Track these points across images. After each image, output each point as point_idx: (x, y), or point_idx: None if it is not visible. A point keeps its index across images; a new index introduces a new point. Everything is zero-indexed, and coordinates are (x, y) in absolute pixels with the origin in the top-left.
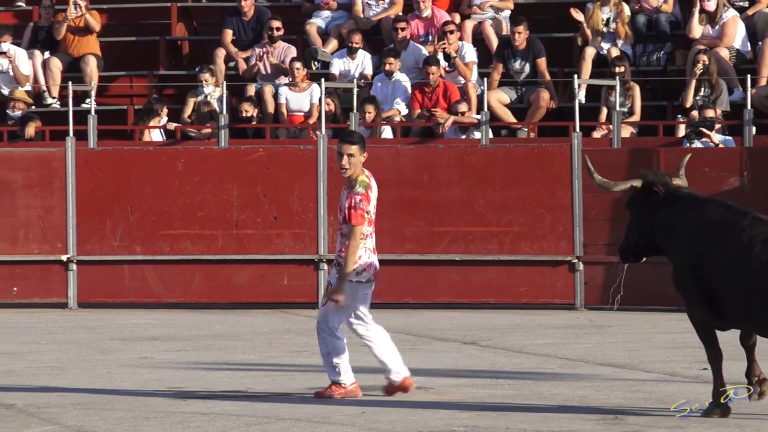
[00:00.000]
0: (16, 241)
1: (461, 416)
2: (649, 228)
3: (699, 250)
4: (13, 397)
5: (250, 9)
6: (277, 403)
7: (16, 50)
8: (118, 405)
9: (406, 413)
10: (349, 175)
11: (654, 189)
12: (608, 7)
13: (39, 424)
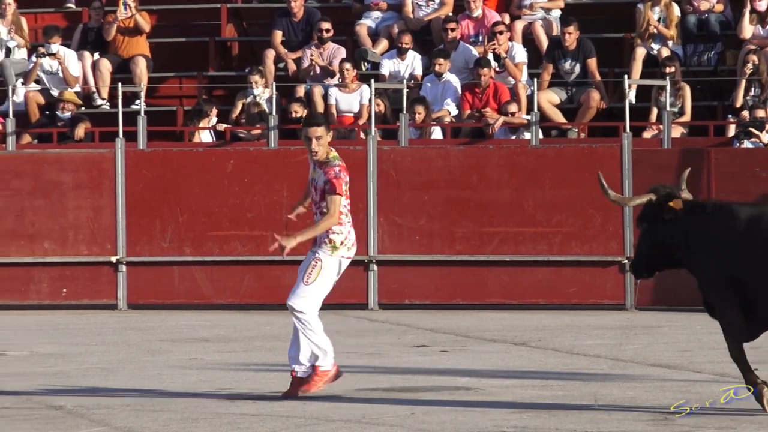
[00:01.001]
0: (65, 243)
1: (511, 417)
2: (669, 241)
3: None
4: (62, 399)
5: (300, 10)
6: (327, 404)
7: (65, 51)
8: (167, 406)
9: (456, 414)
10: (320, 156)
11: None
12: (659, 7)
13: (88, 426)
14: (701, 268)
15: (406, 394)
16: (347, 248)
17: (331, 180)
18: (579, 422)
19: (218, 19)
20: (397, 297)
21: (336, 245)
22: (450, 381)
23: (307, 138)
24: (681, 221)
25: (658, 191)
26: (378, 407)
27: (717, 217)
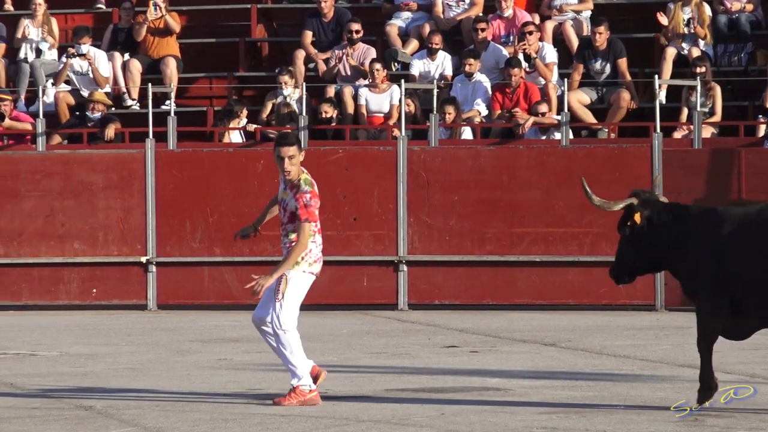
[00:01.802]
0: (95, 243)
1: (540, 418)
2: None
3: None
4: (92, 399)
5: (330, 10)
6: (356, 404)
7: (95, 52)
8: (197, 407)
9: (486, 414)
10: (292, 177)
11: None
12: (689, 7)
13: (118, 426)
14: (689, 269)
15: (436, 395)
16: (308, 264)
17: (301, 208)
18: (609, 423)
19: (248, 20)
20: (427, 297)
21: (297, 261)
22: (480, 382)
23: (279, 157)
24: (667, 225)
25: (639, 196)
26: (407, 407)
27: (703, 219)
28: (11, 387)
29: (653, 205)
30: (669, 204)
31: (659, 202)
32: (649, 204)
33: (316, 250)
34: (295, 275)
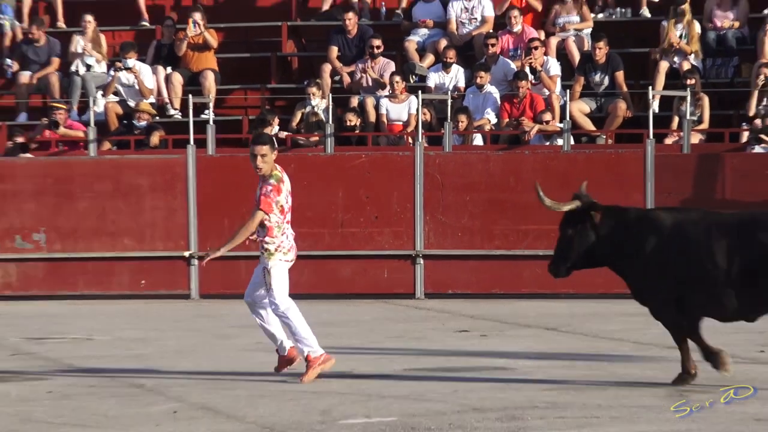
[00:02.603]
0: (143, 239)
1: (542, 394)
2: (595, 245)
3: (664, 253)
4: (142, 378)
5: (354, 27)
6: (379, 382)
7: (140, 66)
8: (236, 385)
9: (494, 391)
10: (264, 172)
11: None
12: (681, 24)
13: (166, 402)
14: (636, 270)
15: (449, 374)
16: (282, 253)
17: (260, 196)
18: (603, 398)
19: (279, 36)
20: (441, 287)
21: (271, 252)
22: (488, 362)
23: (253, 155)
24: (606, 227)
25: (581, 199)
26: (424, 385)
27: (643, 223)
28: (71, 367)
29: (594, 207)
30: (608, 207)
31: (599, 205)
32: (591, 206)
33: (286, 241)
34: (274, 265)
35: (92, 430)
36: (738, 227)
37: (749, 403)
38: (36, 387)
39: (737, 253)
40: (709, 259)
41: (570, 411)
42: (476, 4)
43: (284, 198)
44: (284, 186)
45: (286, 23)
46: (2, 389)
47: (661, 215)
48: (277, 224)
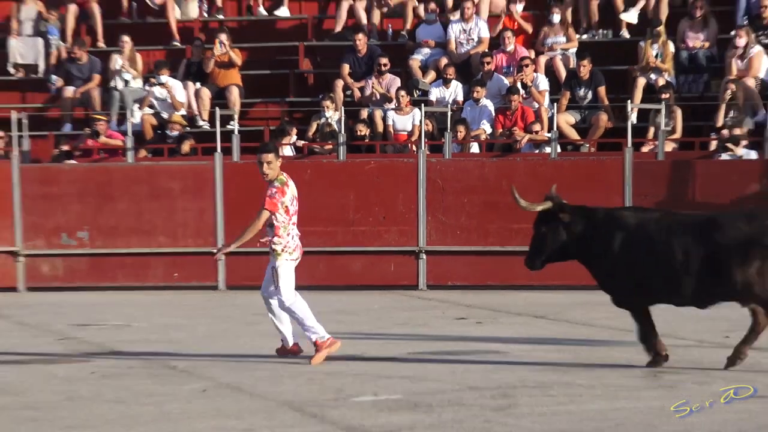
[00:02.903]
0: (176, 237)
1: (532, 374)
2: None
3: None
4: (175, 360)
5: (364, 47)
6: (385, 364)
7: (172, 82)
8: (259, 366)
9: (488, 372)
10: (270, 177)
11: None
12: (657, 45)
13: (196, 381)
14: (602, 264)
15: (448, 357)
16: (289, 253)
17: (265, 198)
18: (586, 378)
19: (297, 55)
20: (441, 279)
21: (278, 252)
22: (483, 346)
23: (260, 162)
24: (577, 225)
25: (552, 200)
26: (426, 367)
27: (609, 221)
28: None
29: (564, 207)
30: (578, 207)
31: (568, 205)
32: (561, 207)
33: (292, 242)
34: (281, 264)
35: (130, 406)
36: (695, 226)
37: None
38: (80, 368)
39: (694, 249)
40: (668, 254)
41: (556, 389)
42: (473, 26)
43: (289, 200)
44: (288, 189)
45: (303, 43)
46: (50, 370)
47: (626, 214)
48: (284, 225)
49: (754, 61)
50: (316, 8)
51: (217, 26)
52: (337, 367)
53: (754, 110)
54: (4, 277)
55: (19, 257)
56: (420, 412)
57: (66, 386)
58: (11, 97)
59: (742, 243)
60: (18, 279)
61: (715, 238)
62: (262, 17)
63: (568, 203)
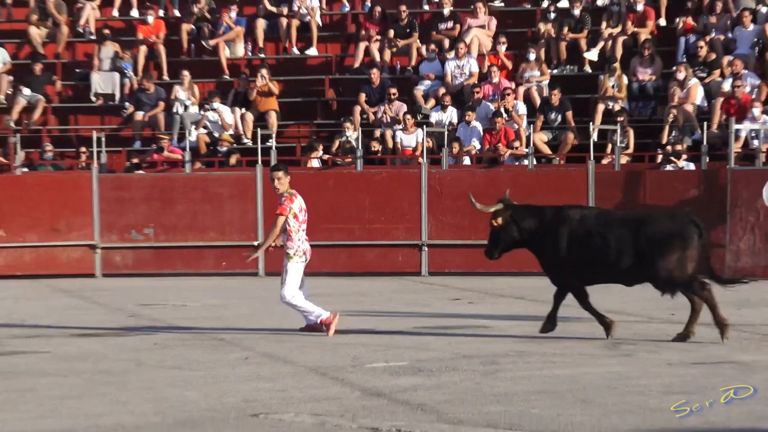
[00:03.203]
0: (224, 233)
1: (515, 345)
2: (518, 236)
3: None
4: (223, 333)
5: (377, 79)
6: (393, 336)
7: (222, 107)
8: (290, 338)
9: (478, 343)
10: (281, 191)
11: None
12: (614, 78)
13: (239, 351)
14: (550, 253)
15: (446, 331)
16: (299, 256)
17: (278, 206)
18: (557, 348)
19: (323, 86)
20: (440, 267)
21: (291, 255)
22: (474, 322)
23: (271, 179)
24: (528, 221)
25: (504, 202)
26: (427, 339)
27: (556, 218)
28: (171, 326)
29: (514, 207)
30: (525, 206)
31: (518, 205)
32: (512, 207)
33: (302, 246)
34: (291, 265)
35: (185, 371)
36: (627, 221)
37: (664, 351)
38: (145, 340)
39: (625, 240)
40: (604, 244)
41: (534, 357)
42: (465, 63)
43: (297, 208)
44: (296, 200)
45: (328, 77)
46: (120, 341)
47: (569, 211)
48: (295, 230)
49: (692, 91)
50: (339, 48)
51: (259, 63)
52: (354, 339)
53: (691, 130)
54: (85, 265)
55: (96, 249)
56: (423, 375)
57: (133, 355)
58: (92, 120)
59: (665, 236)
60: (95, 267)
61: (644, 231)
62: (295, 56)
63: (517, 203)
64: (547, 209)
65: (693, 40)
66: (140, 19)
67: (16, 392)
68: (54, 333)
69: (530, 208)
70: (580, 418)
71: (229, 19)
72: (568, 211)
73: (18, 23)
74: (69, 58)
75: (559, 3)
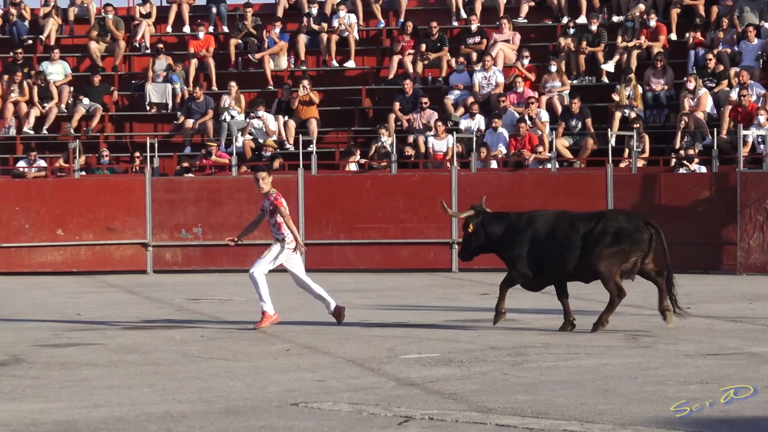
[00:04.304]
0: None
1: (539, 337)
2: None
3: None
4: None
5: (410, 89)
6: (426, 330)
7: (267, 115)
8: (330, 331)
9: (505, 335)
10: (266, 191)
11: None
12: (629, 87)
13: (281, 343)
14: (511, 253)
15: (475, 324)
16: (287, 243)
17: (273, 203)
18: (581, 340)
19: (360, 95)
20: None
21: (284, 241)
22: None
23: (256, 179)
24: (496, 226)
25: (475, 208)
26: (458, 331)
27: (519, 221)
28: (217, 319)
29: (484, 213)
30: (495, 212)
31: (488, 212)
32: (482, 213)
33: (289, 235)
34: (278, 250)
35: (230, 362)
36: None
37: (681, 343)
38: (192, 332)
39: (584, 239)
40: (562, 245)
41: (558, 349)
42: (492, 74)
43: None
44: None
45: (365, 87)
46: (169, 334)
47: (533, 215)
48: (284, 221)
49: (702, 100)
50: (375, 61)
51: (300, 74)
52: (389, 332)
53: (702, 136)
54: (137, 262)
55: (148, 247)
56: (453, 366)
57: (181, 347)
58: (146, 127)
59: (615, 232)
60: (147, 264)
61: (597, 228)
62: (335, 68)
63: (488, 210)
64: (513, 215)
65: (702, 53)
66: (192, 34)
67: (70, 382)
68: (107, 326)
69: (498, 214)
70: (603, 407)
71: (274, 34)
72: (529, 216)
73: (79, 38)
74: (125, 71)
75: (578, 19)
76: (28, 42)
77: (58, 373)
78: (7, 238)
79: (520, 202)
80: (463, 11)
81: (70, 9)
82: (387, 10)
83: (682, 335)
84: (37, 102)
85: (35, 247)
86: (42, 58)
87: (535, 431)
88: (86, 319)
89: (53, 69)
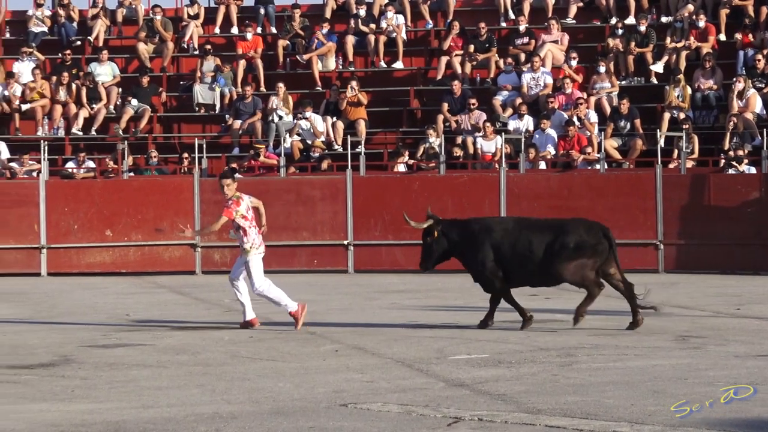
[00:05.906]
0: (316, 232)
1: (587, 338)
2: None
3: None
4: (314, 327)
5: (458, 90)
6: (476, 330)
7: (315, 116)
8: (378, 331)
9: (554, 336)
10: (228, 196)
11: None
12: (678, 88)
13: (330, 344)
14: (475, 259)
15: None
16: (256, 248)
17: (224, 209)
18: (630, 341)
19: (408, 96)
20: None
21: (248, 249)
22: (551, 316)
23: (221, 185)
24: (457, 234)
25: (433, 218)
26: (507, 332)
27: (480, 229)
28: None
29: (443, 222)
30: (452, 220)
31: (446, 220)
32: (440, 222)
33: (257, 239)
34: (252, 259)
35: (279, 362)
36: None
37: (731, 344)
38: (240, 333)
39: (542, 246)
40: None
41: (607, 350)
42: (540, 75)
43: (244, 209)
44: (243, 202)
45: (413, 88)
46: (218, 335)
47: (491, 223)
48: (248, 227)
49: (751, 100)
50: (423, 62)
51: (349, 75)
52: (438, 333)
53: (752, 137)
54: (186, 263)
55: (197, 248)
56: (503, 367)
57: (230, 347)
58: (195, 128)
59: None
60: (195, 265)
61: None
62: (383, 69)
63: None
64: (472, 221)
65: (751, 54)
66: (240, 35)
67: (119, 383)
68: (155, 326)
69: (456, 221)
70: (653, 408)
71: (322, 35)
72: (489, 222)
73: (128, 40)
74: (174, 72)
75: (627, 20)
76: (76, 43)
77: (107, 374)
78: (56, 239)
79: (568, 203)
80: (512, 12)
81: (119, 10)
82: (435, 10)
83: (731, 336)
84: (86, 103)
85: (84, 248)
86: (90, 60)
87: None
88: (135, 319)
89: (101, 70)
